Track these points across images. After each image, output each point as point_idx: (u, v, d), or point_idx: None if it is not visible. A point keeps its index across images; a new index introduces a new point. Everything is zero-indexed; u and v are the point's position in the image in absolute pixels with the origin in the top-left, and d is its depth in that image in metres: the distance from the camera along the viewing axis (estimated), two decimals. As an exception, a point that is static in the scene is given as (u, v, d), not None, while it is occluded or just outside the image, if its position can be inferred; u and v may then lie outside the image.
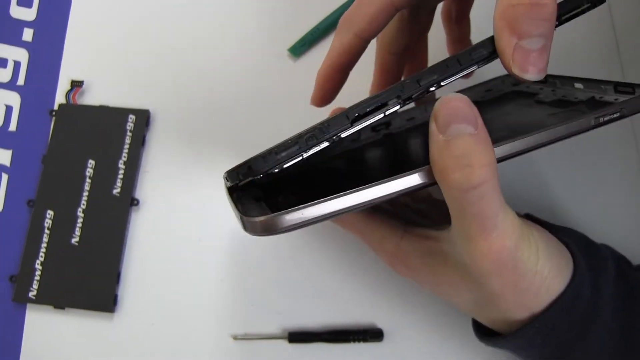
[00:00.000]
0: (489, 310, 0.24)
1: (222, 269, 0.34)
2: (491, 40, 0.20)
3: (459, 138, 0.19)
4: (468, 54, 0.21)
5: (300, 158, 0.20)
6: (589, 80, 0.25)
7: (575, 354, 0.24)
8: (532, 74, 0.20)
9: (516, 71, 0.20)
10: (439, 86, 0.21)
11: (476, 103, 0.30)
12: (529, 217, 0.28)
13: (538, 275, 0.22)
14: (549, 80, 0.27)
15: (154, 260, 0.34)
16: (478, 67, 0.21)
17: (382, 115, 0.21)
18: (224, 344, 0.33)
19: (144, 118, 0.36)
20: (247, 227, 0.20)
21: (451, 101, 0.20)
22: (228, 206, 0.22)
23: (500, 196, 0.20)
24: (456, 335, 0.32)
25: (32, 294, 0.33)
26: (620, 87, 0.23)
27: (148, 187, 0.36)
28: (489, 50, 0.21)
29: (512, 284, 0.22)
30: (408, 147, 0.30)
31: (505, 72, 0.31)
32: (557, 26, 0.20)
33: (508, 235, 0.21)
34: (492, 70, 0.30)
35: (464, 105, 0.20)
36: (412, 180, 0.20)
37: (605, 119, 0.22)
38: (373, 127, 0.31)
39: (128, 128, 0.36)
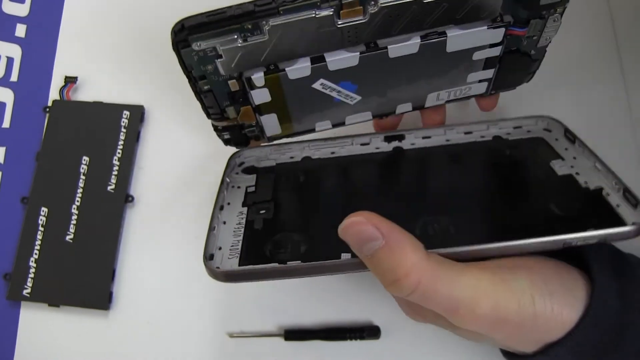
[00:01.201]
0: (508, 346, 0.24)
1: (218, 266, 0.34)
2: None
3: (374, 256, 0.20)
4: None
5: (228, 26, 0.22)
6: (608, 170, 0.24)
7: None
8: None
9: None
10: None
11: (495, 138, 0.29)
12: None
13: (540, 317, 0.21)
14: (577, 143, 0.27)
15: (149, 258, 0.34)
16: None
17: (313, 13, 0.22)
18: (219, 342, 0.32)
19: (138, 114, 0.36)
20: (207, 271, 0.23)
21: (348, 229, 0.20)
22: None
23: (448, 274, 0.20)
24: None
25: (26, 291, 0.33)
26: (627, 193, 0.22)
27: (143, 184, 0.35)
28: None
29: (513, 333, 0.22)
30: (411, 179, 0.29)
31: (541, 113, 0.29)
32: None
33: (477, 305, 0.20)
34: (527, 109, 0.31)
35: (361, 227, 0.20)
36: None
37: (579, 244, 0.21)
38: (386, 137, 0.30)
39: (122, 124, 0.36)
